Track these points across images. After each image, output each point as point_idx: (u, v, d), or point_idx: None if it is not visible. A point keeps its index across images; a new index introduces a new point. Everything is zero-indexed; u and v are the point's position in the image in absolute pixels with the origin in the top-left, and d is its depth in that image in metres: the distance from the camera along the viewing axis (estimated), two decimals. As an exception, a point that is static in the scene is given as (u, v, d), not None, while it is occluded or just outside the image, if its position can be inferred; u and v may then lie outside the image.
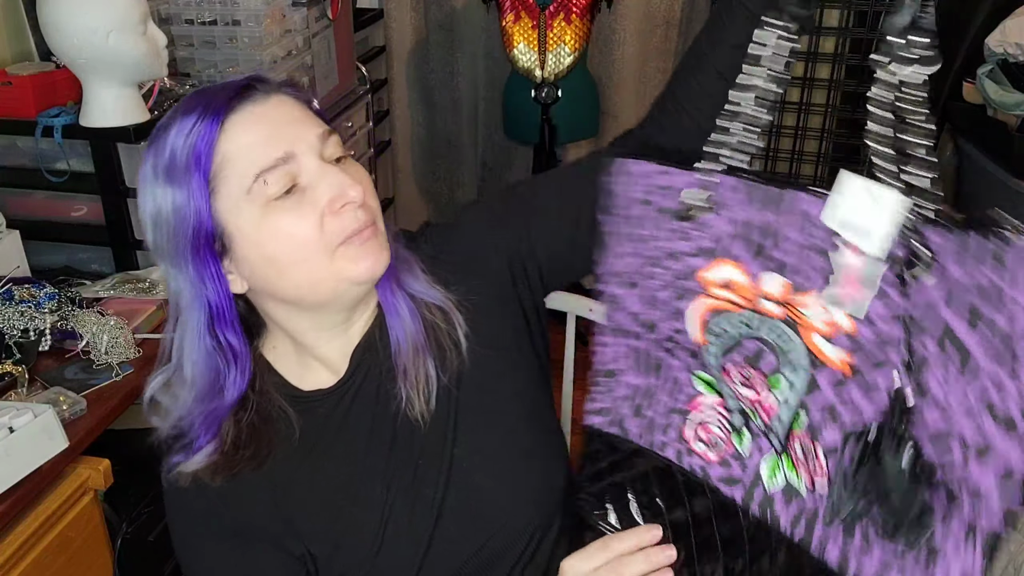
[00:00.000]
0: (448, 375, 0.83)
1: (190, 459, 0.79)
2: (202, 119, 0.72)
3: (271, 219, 0.73)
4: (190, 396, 0.79)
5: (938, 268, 0.58)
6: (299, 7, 2.06)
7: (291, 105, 0.77)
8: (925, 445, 0.62)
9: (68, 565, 1.14)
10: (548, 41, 2.45)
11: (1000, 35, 2.22)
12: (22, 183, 1.63)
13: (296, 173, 0.74)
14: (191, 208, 0.72)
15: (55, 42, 1.49)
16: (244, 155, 0.73)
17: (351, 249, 0.75)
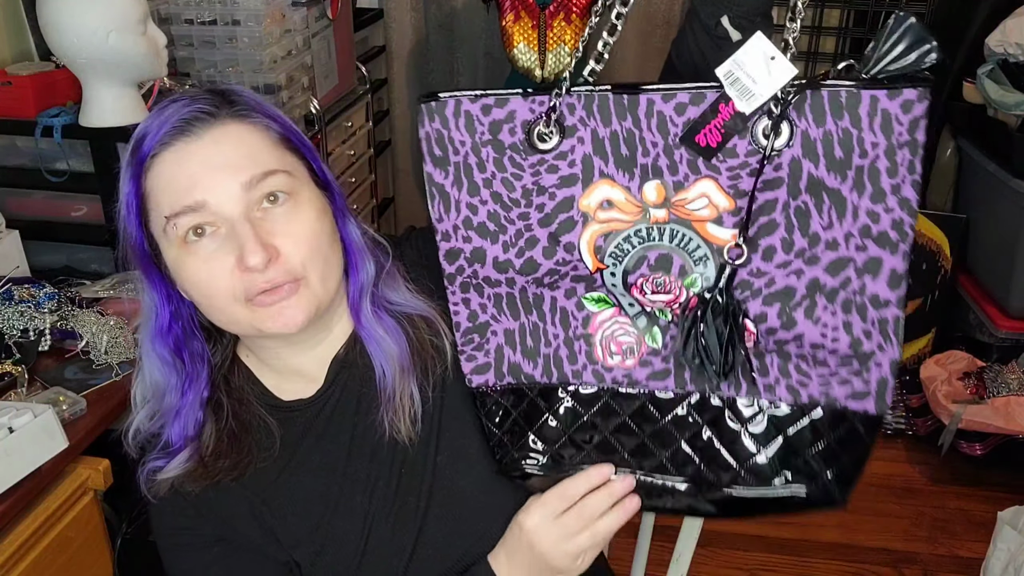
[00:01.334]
0: (432, 386, 0.83)
1: (168, 465, 0.79)
2: (147, 143, 0.73)
3: (184, 260, 0.74)
4: (148, 392, 0.81)
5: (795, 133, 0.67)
6: (299, 7, 2.06)
7: (233, 141, 0.74)
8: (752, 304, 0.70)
9: (68, 565, 1.14)
10: (548, 41, 2.45)
11: (1000, 35, 2.22)
12: (22, 183, 1.63)
13: (211, 220, 0.73)
14: (129, 224, 0.76)
15: (55, 42, 1.49)
16: (161, 194, 0.74)
17: (263, 307, 0.74)
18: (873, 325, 0.68)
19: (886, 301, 0.67)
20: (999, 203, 2.27)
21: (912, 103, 0.63)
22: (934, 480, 2.17)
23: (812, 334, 0.69)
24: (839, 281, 0.68)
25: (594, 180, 0.71)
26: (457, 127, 0.72)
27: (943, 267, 2.50)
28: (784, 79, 0.65)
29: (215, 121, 0.74)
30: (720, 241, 0.69)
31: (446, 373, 0.84)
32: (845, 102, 0.65)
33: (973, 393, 2.14)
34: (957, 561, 1.91)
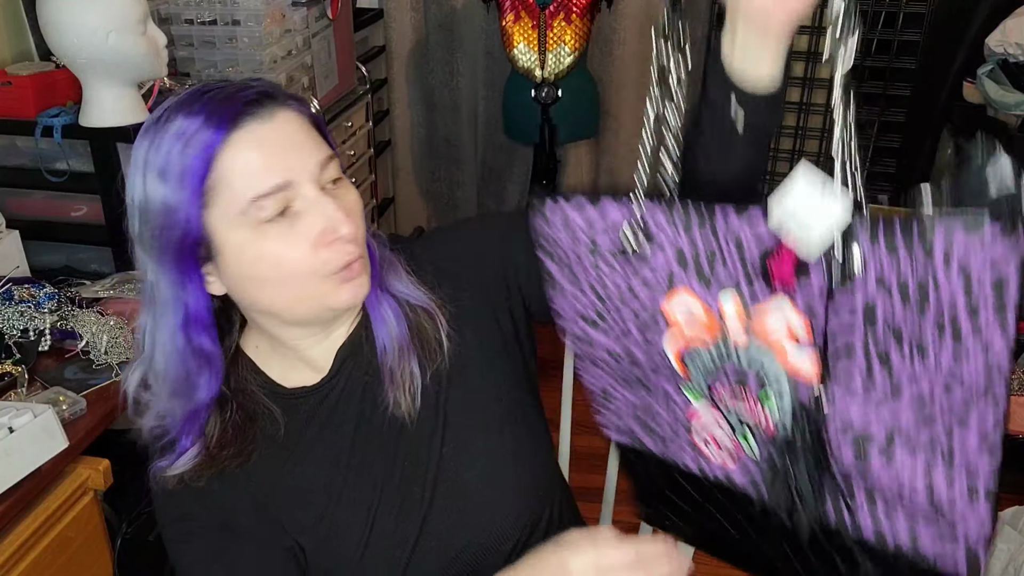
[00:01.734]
0: (431, 374, 0.84)
1: (175, 463, 0.79)
2: (204, 128, 0.70)
3: (261, 241, 0.73)
4: (164, 391, 0.79)
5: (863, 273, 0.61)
6: (299, 7, 2.06)
7: (296, 124, 0.75)
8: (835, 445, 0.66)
9: (68, 565, 1.14)
10: (548, 41, 2.45)
11: (1000, 35, 2.22)
12: (22, 183, 1.63)
13: (292, 199, 0.73)
14: (181, 215, 0.72)
15: (55, 42, 1.49)
16: (242, 177, 0.72)
17: (337, 280, 0.76)
18: (960, 475, 0.64)
19: (975, 452, 0.62)
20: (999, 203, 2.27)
21: (996, 238, 0.55)
22: (934, 480, 2.16)
23: (891, 478, 0.65)
24: (924, 424, 0.63)
25: (675, 287, 0.71)
26: (559, 226, 0.76)
27: (943, 267, 2.50)
28: (841, 215, 0.59)
29: (277, 104, 0.74)
30: (798, 371, 0.66)
31: (445, 365, 0.84)
32: (918, 233, 0.57)
33: (973, 393, 2.13)
34: (957, 561, 1.91)
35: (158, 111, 0.75)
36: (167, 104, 0.74)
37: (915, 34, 2.42)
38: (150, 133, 0.73)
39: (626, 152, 3.02)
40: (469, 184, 3.22)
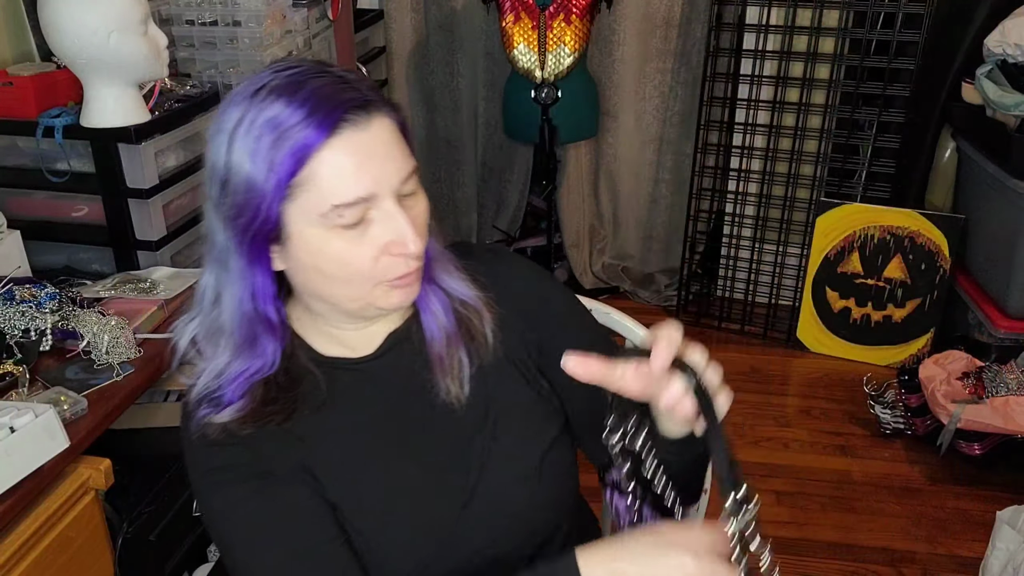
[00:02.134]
0: (478, 366, 0.88)
1: (221, 412, 0.80)
2: (303, 127, 0.71)
3: (333, 241, 0.75)
4: (227, 348, 0.80)
5: None
6: (299, 8, 2.06)
7: (388, 132, 0.76)
8: None
9: (69, 565, 1.14)
10: (548, 41, 2.45)
11: (999, 35, 2.22)
12: (23, 183, 1.63)
13: (370, 208, 0.75)
14: (262, 203, 0.73)
15: (56, 42, 1.50)
16: (329, 184, 0.73)
17: (390, 285, 0.79)
18: None
19: None
20: (998, 203, 2.28)
21: None
22: (933, 480, 2.17)
23: None
24: None
25: None
26: None
27: (942, 267, 2.50)
28: None
29: (373, 110, 0.75)
30: None
31: (490, 360, 0.88)
32: None
33: (972, 393, 2.14)
34: (956, 561, 1.91)
35: (257, 80, 0.75)
36: (267, 76, 0.74)
37: (914, 34, 2.43)
38: (245, 104, 0.73)
39: (626, 152, 3.02)
40: (469, 184, 3.22)
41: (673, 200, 3.05)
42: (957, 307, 2.53)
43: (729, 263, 2.92)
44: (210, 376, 0.81)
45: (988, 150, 2.30)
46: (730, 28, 2.66)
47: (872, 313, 2.63)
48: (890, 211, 2.54)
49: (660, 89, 2.92)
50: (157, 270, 1.58)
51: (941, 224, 2.48)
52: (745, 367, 2.69)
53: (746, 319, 2.86)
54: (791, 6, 2.55)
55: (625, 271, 3.17)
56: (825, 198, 2.64)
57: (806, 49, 2.58)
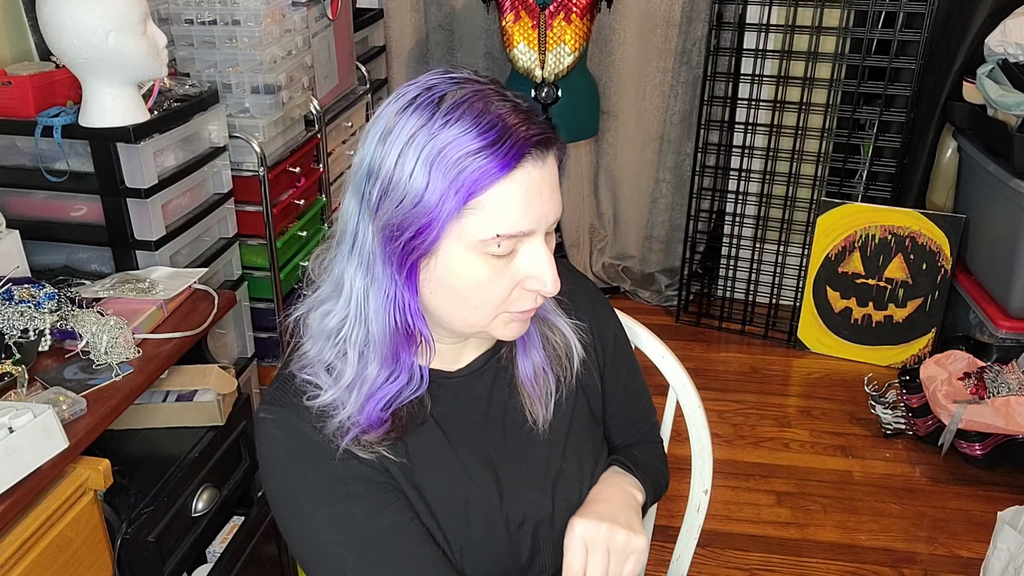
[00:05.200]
0: (561, 392, 0.91)
1: (368, 434, 0.79)
2: (492, 155, 0.70)
3: (479, 266, 0.75)
4: (376, 357, 0.78)
5: None
6: (299, 7, 2.06)
7: (554, 170, 0.77)
8: None
9: (68, 565, 1.14)
10: (548, 41, 2.45)
11: (1000, 35, 2.22)
12: (22, 183, 1.63)
13: (521, 242, 0.76)
14: (434, 223, 0.71)
15: (55, 42, 1.49)
16: (499, 212, 0.72)
17: (510, 317, 0.80)
18: None
19: None
20: (999, 203, 2.27)
21: None
22: (934, 480, 2.17)
23: None
24: None
25: None
26: None
27: (943, 267, 2.50)
28: None
29: (550, 147, 0.75)
30: None
31: (572, 384, 0.92)
32: None
33: (973, 393, 2.13)
34: (957, 561, 1.91)
35: (436, 87, 0.72)
36: (447, 85, 0.72)
37: (915, 33, 2.42)
38: (428, 112, 0.71)
39: (626, 152, 3.02)
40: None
41: (674, 200, 3.05)
42: (958, 307, 2.53)
43: (730, 263, 2.92)
44: (347, 391, 0.79)
45: (989, 149, 2.29)
46: (731, 27, 2.65)
47: (873, 313, 2.63)
48: (891, 211, 2.54)
49: (660, 88, 2.91)
50: (156, 270, 1.57)
51: (942, 224, 2.48)
52: (746, 367, 2.69)
53: (747, 319, 2.86)
54: (792, 5, 2.54)
55: (625, 271, 3.17)
56: (826, 198, 2.64)
57: (807, 48, 2.57)
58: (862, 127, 2.72)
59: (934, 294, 2.54)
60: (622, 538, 0.84)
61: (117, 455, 1.22)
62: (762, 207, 2.78)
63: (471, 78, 0.74)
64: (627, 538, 0.84)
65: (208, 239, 1.82)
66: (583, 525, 0.84)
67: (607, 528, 0.84)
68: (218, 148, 1.79)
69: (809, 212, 2.68)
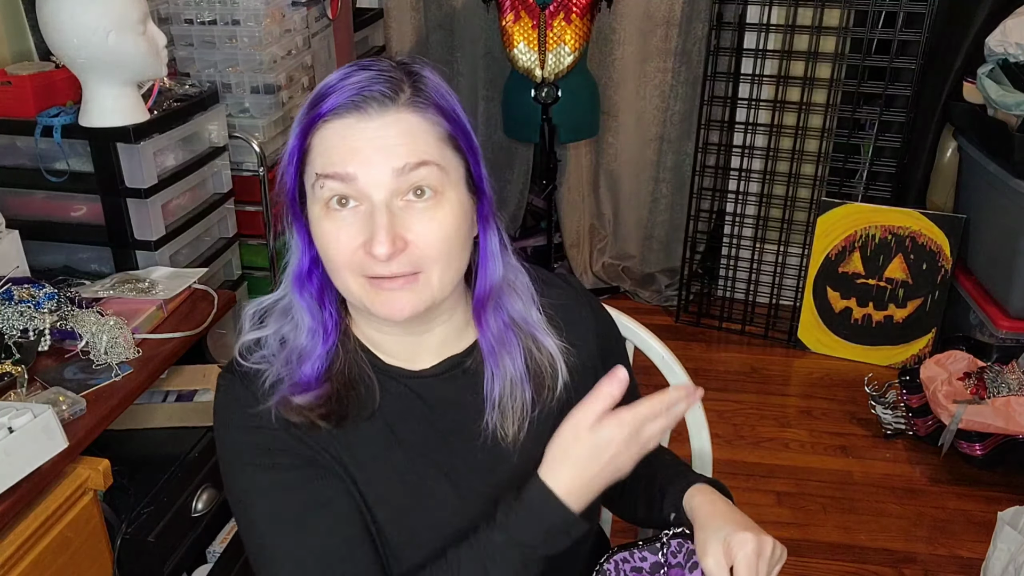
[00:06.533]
0: (539, 411, 0.87)
1: (303, 395, 0.81)
2: (318, 104, 0.76)
3: (321, 221, 0.78)
4: (302, 323, 0.83)
5: None
6: (299, 7, 2.06)
7: (404, 126, 0.76)
8: None
9: (68, 565, 1.13)
10: (548, 41, 2.45)
11: (1001, 35, 2.22)
12: (21, 183, 1.63)
13: (354, 196, 0.76)
14: (287, 169, 0.80)
15: (54, 42, 1.49)
16: (318, 154, 0.77)
17: (375, 289, 0.78)
18: None
19: None
20: (999, 203, 2.27)
21: None
22: (934, 480, 2.17)
23: None
24: None
25: None
26: None
27: (943, 267, 2.50)
28: None
29: (391, 107, 0.76)
30: None
31: (553, 407, 0.87)
32: None
33: (973, 393, 2.13)
34: (957, 561, 1.91)
35: None
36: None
37: (916, 33, 2.42)
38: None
39: (626, 152, 3.02)
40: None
41: (674, 200, 3.05)
42: (958, 307, 2.53)
43: (730, 263, 2.92)
44: (283, 363, 0.83)
45: (989, 149, 2.29)
46: (731, 27, 2.65)
47: (873, 313, 2.63)
48: (891, 211, 2.53)
49: (661, 88, 2.91)
50: (156, 270, 1.57)
51: (942, 224, 2.48)
52: (746, 367, 2.69)
53: (747, 319, 2.86)
54: (792, 5, 2.54)
55: (625, 271, 3.17)
56: (826, 198, 2.64)
57: (807, 48, 2.57)
58: (862, 127, 2.72)
59: (934, 294, 2.53)
60: (779, 552, 0.82)
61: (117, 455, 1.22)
62: (762, 207, 2.78)
63: (366, 58, 0.81)
64: (782, 551, 0.83)
65: (208, 239, 1.82)
66: (753, 540, 0.80)
67: (770, 543, 0.82)
68: (218, 148, 1.79)
69: (809, 212, 2.68)
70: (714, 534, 0.82)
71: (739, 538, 0.80)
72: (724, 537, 0.81)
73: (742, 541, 0.80)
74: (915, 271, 2.54)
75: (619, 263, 3.19)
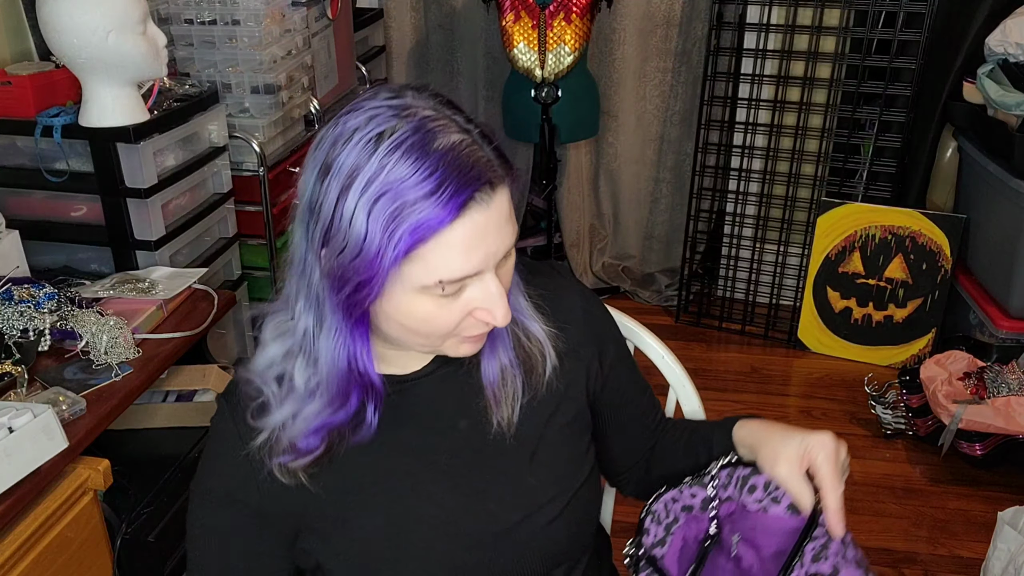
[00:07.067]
0: (530, 396, 0.87)
1: (299, 460, 0.78)
2: (433, 204, 0.66)
3: (425, 304, 0.72)
4: (323, 395, 0.77)
5: None
6: (299, 7, 2.06)
7: (505, 202, 0.72)
8: None
9: (68, 565, 1.14)
10: (548, 41, 2.45)
11: (1000, 35, 2.22)
12: (22, 183, 1.63)
13: (470, 278, 0.72)
14: (377, 274, 0.68)
15: (54, 42, 1.49)
16: (441, 260, 0.69)
17: (463, 339, 0.78)
18: None
19: None
20: (999, 203, 2.27)
21: None
22: (934, 480, 2.17)
23: None
24: None
25: None
26: None
27: (943, 267, 2.50)
28: None
29: (498, 184, 0.70)
30: None
31: (543, 393, 0.87)
32: None
33: (973, 393, 2.13)
34: (957, 561, 1.91)
35: (379, 119, 0.68)
36: (389, 117, 0.68)
37: (916, 33, 2.42)
38: (367, 151, 0.67)
39: (626, 152, 3.02)
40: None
41: (674, 200, 3.05)
42: (958, 307, 2.53)
43: (730, 263, 2.92)
44: (289, 415, 0.78)
45: (989, 149, 2.29)
46: (731, 27, 2.65)
47: (873, 313, 2.63)
48: (891, 211, 2.53)
49: (661, 88, 2.91)
50: (156, 270, 1.57)
51: (942, 224, 2.48)
52: (746, 367, 2.69)
53: (747, 319, 2.86)
54: (792, 5, 2.54)
55: (625, 271, 3.17)
56: (826, 198, 2.64)
57: (807, 48, 2.57)
58: (862, 127, 2.72)
59: (934, 294, 2.53)
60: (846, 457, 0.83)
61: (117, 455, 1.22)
62: (762, 207, 2.78)
63: (413, 105, 0.69)
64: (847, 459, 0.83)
65: (208, 239, 1.82)
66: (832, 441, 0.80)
67: (844, 446, 0.82)
68: (218, 148, 1.79)
69: (809, 212, 2.68)
70: (781, 444, 0.81)
71: (818, 439, 0.79)
72: (797, 443, 0.80)
73: (821, 442, 0.79)
74: (915, 271, 2.54)
75: (619, 263, 3.19)
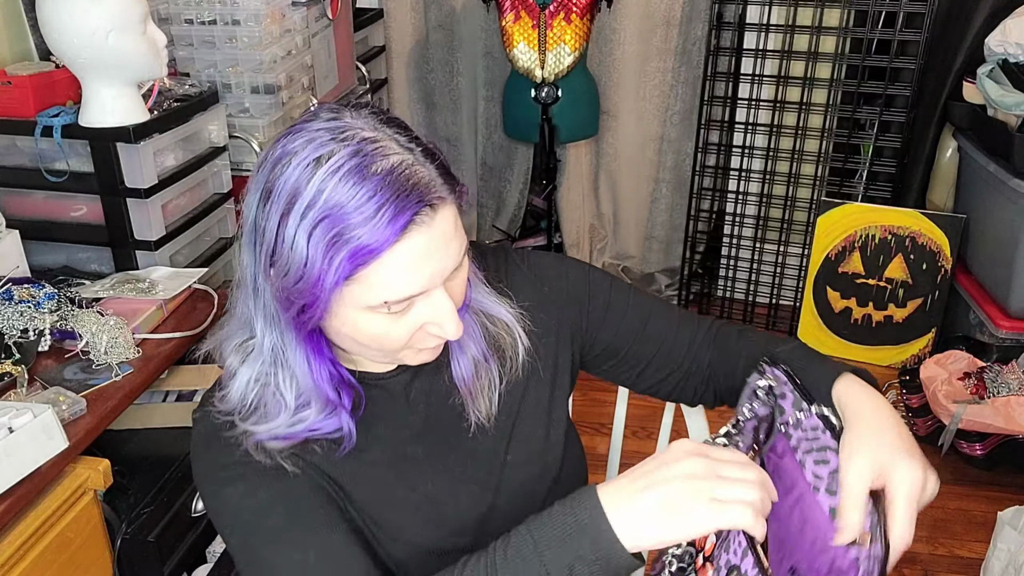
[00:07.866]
0: (506, 382, 0.87)
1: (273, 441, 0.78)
2: (372, 228, 0.65)
3: (374, 322, 0.72)
4: (316, 402, 0.78)
5: None
6: (299, 7, 2.05)
7: (451, 220, 0.71)
8: None
9: (67, 565, 1.14)
10: (548, 41, 2.45)
11: (1000, 35, 2.22)
12: (21, 183, 1.63)
13: (418, 296, 0.72)
14: (319, 298, 0.68)
15: (54, 42, 1.49)
16: (384, 282, 0.69)
17: (419, 351, 0.78)
18: None
19: None
20: (999, 203, 2.27)
21: None
22: (934, 480, 2.17)
23: None
24: None
25: None
26: None
27: (943, 267, 2.50)
28: None
29: (439, 205, 0.70)
30: None
31: (518, 375, 0.88)
32: None
33: (973, 393, 2.13)
34: (957, 561, 1.91)
35: (318, 143, 0.68)
36: (327, 140, 0.68)
37: (916, 33, 2.42)
38: (307, 173, 0.67)
39: (626, 152, 3.02)
40: (469, 184, 3.22)
41: (673, 200, 3.05)
42: (958, 307, 2.53)
43: (730, 263, 2.92)
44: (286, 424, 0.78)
45: (989, 149, 2.29)
46: (731, 27, 2.65)
47: (873, 313, 2.63)
48: (891, 211, 2.53)
49: (660, 88, 2.91)
50: (156, 270, 1.57)
51: (942, 224, 2.48)
52: (746, 367, 2.69)
53: (747, 319, 2.86)
54: (792, 5, 2.54)
55: (625, 271, 3.17)
56: (826, 198, 2.64)
57: (807, 48, 2.57)
58: (862, 127, 2.72)
59: (934, 294, 2.53)
60: (933, 488, 0.72)
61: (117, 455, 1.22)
62: (762, 207, 2.78)
63: (352, 126, 0.69)
64: (935, 487, 0.72)
65: (208, 239, 1.82)
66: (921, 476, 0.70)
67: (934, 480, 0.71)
68: (218, 148, 1.79)
69: (809, 212, 2.68)
70: (866, 446, 0.71)
71: (904, 472, 0.69)
72: (878, 459, 0.70)
73: (906, 477, 0.69)
74: (915, 271, 2.54)
75: (619, 263, 3.19)
